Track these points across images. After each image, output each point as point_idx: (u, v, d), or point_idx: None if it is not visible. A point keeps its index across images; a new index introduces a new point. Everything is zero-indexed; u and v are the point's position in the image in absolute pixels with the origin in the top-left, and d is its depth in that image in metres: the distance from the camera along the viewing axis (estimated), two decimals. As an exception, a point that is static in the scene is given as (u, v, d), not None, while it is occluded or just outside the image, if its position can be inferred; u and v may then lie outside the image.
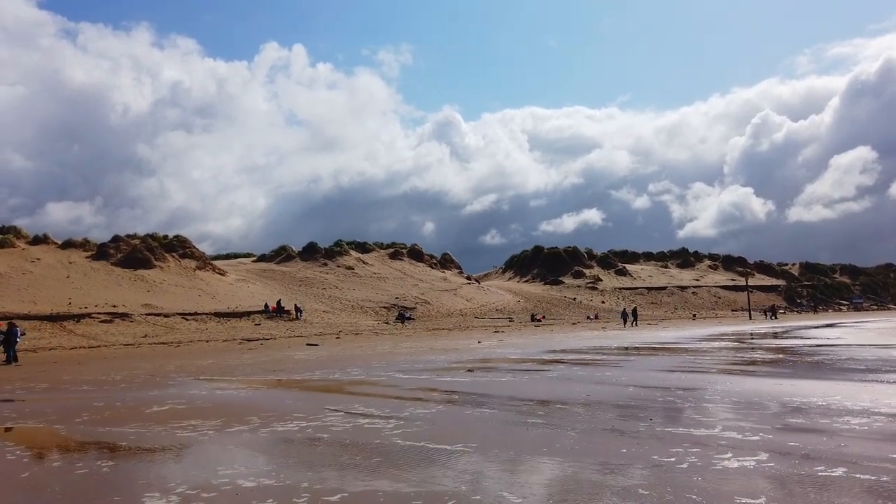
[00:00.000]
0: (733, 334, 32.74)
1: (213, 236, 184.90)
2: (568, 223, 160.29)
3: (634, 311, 52.82)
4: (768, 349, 20.57)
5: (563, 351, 21.65)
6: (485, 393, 10.69)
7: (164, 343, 33.77)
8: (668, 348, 22.26)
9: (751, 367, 14.35)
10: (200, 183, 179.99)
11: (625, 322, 50.24)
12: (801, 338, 28.08)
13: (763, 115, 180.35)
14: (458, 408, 9.21)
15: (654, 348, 22.39)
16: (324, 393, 11.63)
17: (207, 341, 34.92)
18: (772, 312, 68.97)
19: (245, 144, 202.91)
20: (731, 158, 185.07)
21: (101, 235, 61.34)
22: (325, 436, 7.29)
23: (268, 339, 35.50)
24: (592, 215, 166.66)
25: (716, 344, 24.24)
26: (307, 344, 31.02)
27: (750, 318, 66.29)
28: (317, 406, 9.61)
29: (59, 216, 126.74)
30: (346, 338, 36.41)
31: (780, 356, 17.78)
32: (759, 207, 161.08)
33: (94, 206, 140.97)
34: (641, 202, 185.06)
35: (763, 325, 45.97)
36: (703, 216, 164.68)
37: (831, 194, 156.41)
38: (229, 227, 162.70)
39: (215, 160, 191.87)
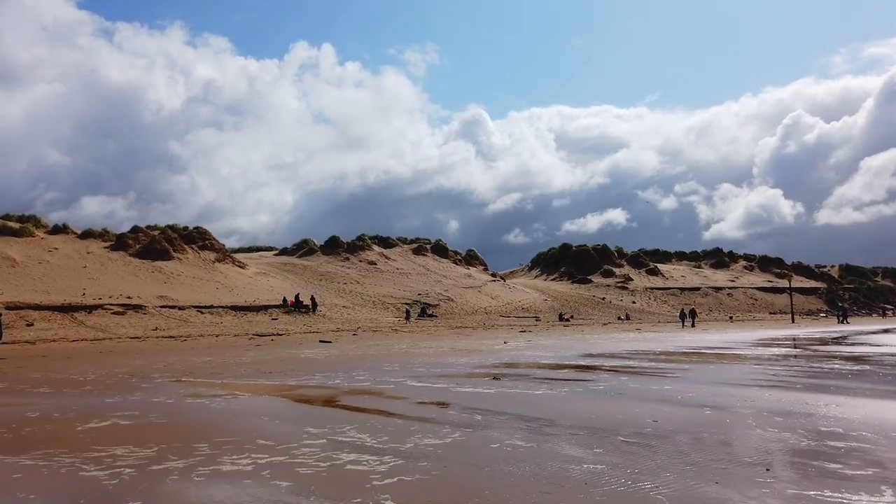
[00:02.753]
0: (787, 339, 29.65)
1: (241, 231, 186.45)
2: (592, 223, 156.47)
3: (693, 312, 51.14)
4: (844, 358, 17.66)
5: (601, 355, 19.04)
6: (516, 413, 8.25)
7: (171, 337, 32.01)
8: (722, 354, 19.49)
9: (847, 384, 11.60)
10: (229, 179, 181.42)
11: (682, 322, 48.65)
12: (869, 344, 24.94)
13: (795, 115, 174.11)
14: (481, 436, 6.78)
15: (705, 354, 19.64)
16: (313, 406, 9.31)
17: (217, 336, 33.08)
18: (843, 315, 61.44)
19: (274, 142, 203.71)
20: (761, 160, 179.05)
21: (131, 229, 60.37)
22: (284, 485, 4.94)
23: (280, 335, 33.51)
24: (617, 215, 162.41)
25: (775, 350, 21.35)
26: (320, 341, 28.92)
27: (793, 321, 62.37)
28: (296, 427, 7.29)
29: (94, 210, 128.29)
30: (363, 335, 34.23)
31: (867, 367, 14.93)
32: (788, 210, 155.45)
33: (127, 201, 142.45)
34: (668, 203, 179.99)
35: (813, 329, 42.49)
36: (729, 218, 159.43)
37: (861, 197, 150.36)
38: (257, 223, 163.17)
39: (244, 157, 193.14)
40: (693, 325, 47.80)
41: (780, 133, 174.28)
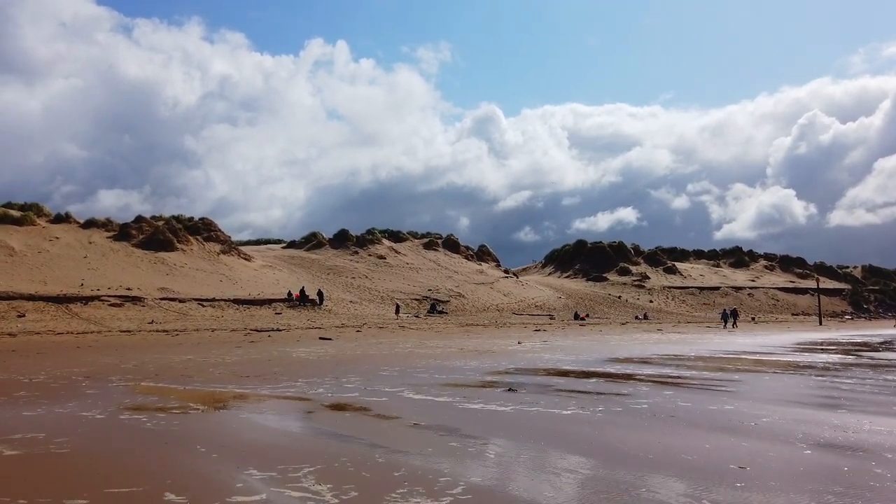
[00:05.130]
0: (827, 343, 27.16)
1: (253, 226, 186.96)
2: (602, 221, 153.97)
3: (735, 312, 49.55)
4: (914, 369, 15.26)
5: (629, 360, 16.79)
6: (543, 447, 6.08)
7: (165, 331, 30.17)
8: (767, 361, 17.16)
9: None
10: (243, 174, 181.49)
11: (725, 323, 47.14)
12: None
13: (810, 115, 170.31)
14: (495, 499, 4.62)
15: (747, 361, 17.31)
16: (274, 428, 7.19)
17: (213, 330, 31.20)
18: None
19: (287, 138, 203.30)
20: (775, 160, 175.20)
21: (145, 222, 58.89)
22: None
23: (280, 331, 31.56)
24: (627, 214, 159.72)
25: (825, 357, 18.96)
26: (320, 338, 26.90)
27: (820, 323, 59.44)
28: (233, 468, 5.18)
29: (110, 203, 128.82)
30: (367, 332, 32.18)
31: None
32: (801, 210, 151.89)
33: (142, 195, 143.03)
34: (680, 202, 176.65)
35: (849, 332, 39.84)
36: (741, 218, 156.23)
37: (874, 198, 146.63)
38: (269, 218, 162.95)
39: (258, 153, 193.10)
40: (735, 326, 46.05)
41: (795, 133, 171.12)
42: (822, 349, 22.80)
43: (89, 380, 11.86)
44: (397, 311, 47.50)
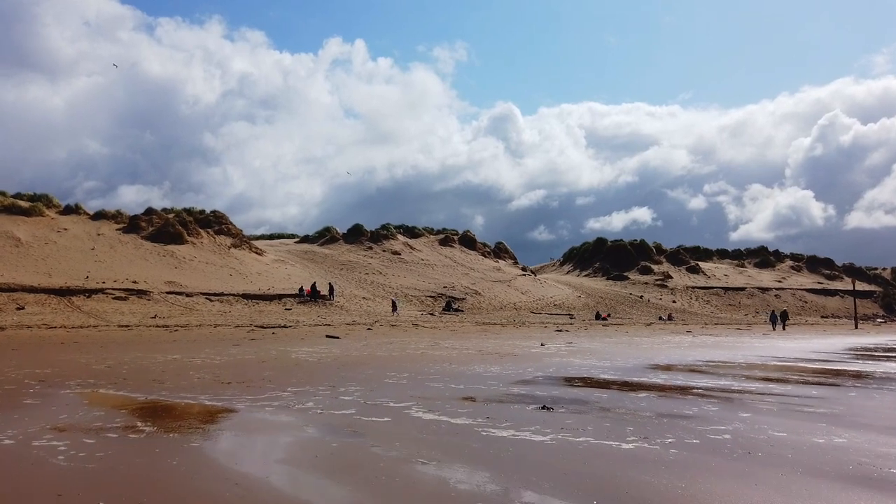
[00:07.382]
0: (880, 348, 24.69)
1: (270, 222, 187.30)
2: (617, 221, 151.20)
3: (784, 314, 48.53)
4: None
5: (674, 368, 14.64)
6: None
7: (165, 326, 28.55)
8: (833, 371, 14.91)
9: None
10: (261, 171, 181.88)
11: (774, 325, 45.98)
12: None
13: (831, 116, 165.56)
14: None
15: (809, 370, 15.08)
16: (225, 471, 5.24)
17: (216, 326, 29.52)
18: None
19: (304, 136, 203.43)
20: (795, 160, 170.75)
21: (166, 217, 57.72)
22: None
23: (287, 327, 29.77)
24: (642, 214, 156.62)
25: (893, 365, 16.65)
26: (327, 336, 25.03)
27: (856, 326, 56.47)
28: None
29: (130, 199, 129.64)
30: (378, 330, 30.28)
31: None
32: (818, 212, 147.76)
33: (162, 191, 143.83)
34: (696, 202, 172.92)
35: (889, 337, 37.11)
36: (758, 218, 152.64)
37: (893, 200, 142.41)
38: (286, 215, 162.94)
39: (276, 150, 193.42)
40: (784, 329, 44.57)
41: (815, 134, 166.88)
42: (883, 356, 20.41)
43: (42, 384, 10.05)
44: (394, 309, 44.44)
